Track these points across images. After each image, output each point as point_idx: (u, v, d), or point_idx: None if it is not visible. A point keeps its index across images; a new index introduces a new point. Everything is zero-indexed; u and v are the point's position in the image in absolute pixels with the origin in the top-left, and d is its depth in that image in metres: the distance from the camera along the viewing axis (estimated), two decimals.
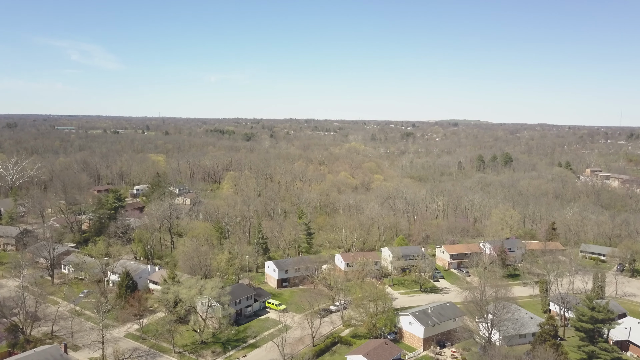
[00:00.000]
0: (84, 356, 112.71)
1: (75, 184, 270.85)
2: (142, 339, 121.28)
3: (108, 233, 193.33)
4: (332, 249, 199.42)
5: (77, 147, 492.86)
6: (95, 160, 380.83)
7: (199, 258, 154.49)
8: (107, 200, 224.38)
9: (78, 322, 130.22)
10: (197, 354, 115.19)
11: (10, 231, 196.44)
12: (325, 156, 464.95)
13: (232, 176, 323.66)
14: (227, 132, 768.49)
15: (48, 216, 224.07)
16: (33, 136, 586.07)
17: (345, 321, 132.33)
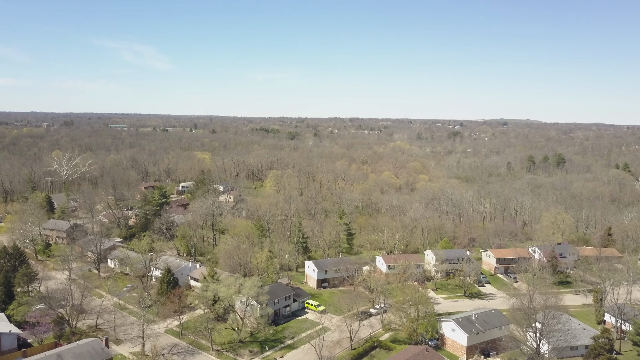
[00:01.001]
0: (125, 350, 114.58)
1: (124, 180, 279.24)
2: (181, 336, 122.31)
3: (153, 229, 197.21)
4: (373, 250, 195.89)
5: (127, 145, 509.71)
6: (144, 157, 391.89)
7: (239, 256, 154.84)
8: (153, 196, 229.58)
9: (121, 316, 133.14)
10: (234, 352, 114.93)
11: (61, 225, 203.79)
12: (369, 155, 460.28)
13: (274, 174, 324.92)
14: (271, 131, 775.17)
15: (97, 211, 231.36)
16: (87, 134, 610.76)
17: (385, 325, 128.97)
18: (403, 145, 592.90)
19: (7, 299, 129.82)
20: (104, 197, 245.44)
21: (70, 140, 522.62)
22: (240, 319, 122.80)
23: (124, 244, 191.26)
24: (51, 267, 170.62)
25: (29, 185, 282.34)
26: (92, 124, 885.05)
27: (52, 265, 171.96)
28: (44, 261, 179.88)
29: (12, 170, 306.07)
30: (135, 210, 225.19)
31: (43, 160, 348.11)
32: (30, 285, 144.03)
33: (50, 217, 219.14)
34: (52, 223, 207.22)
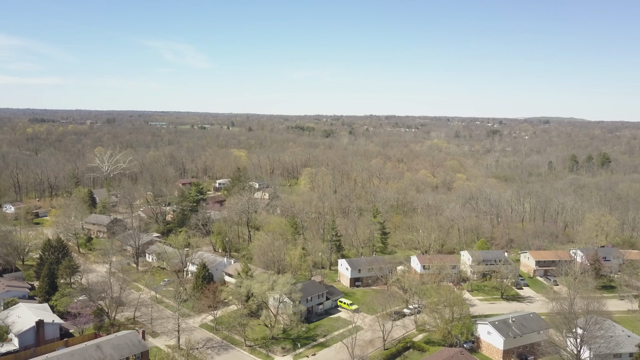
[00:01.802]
0: (161, 343, 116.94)
1: (162, 177, 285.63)
2: (215, 330, 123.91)
3: (189, 224, 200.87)
4: (408, 250, 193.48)
5: (166, 142, 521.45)
6: (182, 154, 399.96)
7: (273, 253, 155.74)
8: (190, 193, 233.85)
9: (157, 309, 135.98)
10: (267, 349, 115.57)
11: (102, 219, 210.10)
12: (405, 153, 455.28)
13: (309, 172, 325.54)
14: (307, 129, 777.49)
15: (137, 206, 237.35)
16: (128, 131, 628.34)
17: (418, 326, 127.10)
18: (440, 144, 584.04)
19: (51, 290, 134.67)
20: (143, 192, 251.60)
21: (112, 137, 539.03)
22: (273, 316, 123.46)
23: (161, 239, 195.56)
24: (92, 260, 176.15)
25: (72, 180, 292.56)
26: (133, 121, 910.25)
27: (93, 259, 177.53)
28: (85, 254, 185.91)
29: (57, 166, 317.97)
30: (173, 206, 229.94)
31: (86, 156, 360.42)
32: (73, 277, 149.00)
33: (92, 212, 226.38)
34: (93, 217, 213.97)
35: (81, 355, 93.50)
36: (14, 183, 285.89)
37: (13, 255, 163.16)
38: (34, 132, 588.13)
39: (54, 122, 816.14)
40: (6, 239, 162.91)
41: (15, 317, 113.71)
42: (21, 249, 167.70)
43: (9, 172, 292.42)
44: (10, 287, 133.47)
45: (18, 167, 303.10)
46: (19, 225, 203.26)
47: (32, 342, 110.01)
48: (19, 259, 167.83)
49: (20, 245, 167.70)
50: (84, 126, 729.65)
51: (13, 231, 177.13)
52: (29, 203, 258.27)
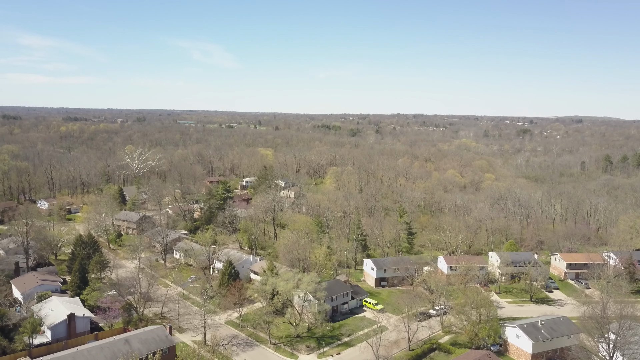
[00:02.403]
0: (187, 338, 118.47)
1: (190, 175, 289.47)
2: (241, 327, 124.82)
3: (216, 222, 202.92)
4: (435, 250, 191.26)
5: (194, 140, 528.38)
6: (210, 152, 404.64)
7: (298, 251, 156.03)
8: (217, 191, 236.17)
9: (184, 305, 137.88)
10: (292, 347, 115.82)
11: (132, 216, 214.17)
12: (433, 153, 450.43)
13: (335, 171, 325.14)
14: (333, 128, 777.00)
15: (165, 204, 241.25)
16: (158, 129, 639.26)
17: (444, 327, 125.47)
18: (469, 143, 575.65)
19: (82, 285, 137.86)
20: (171, 190, 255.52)
21: (142, 135, 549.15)
22: (298, 314, 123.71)
23: (188, 236, 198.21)
24: (122, 256, 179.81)
25: (103, 177, 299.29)
26: (162, 120, 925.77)
27: (122, 254, 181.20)
28: (115, 250, 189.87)
29: (89, 164, 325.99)
30: (200, 204, 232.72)
31: (117, 154, 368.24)
32: (103, 273, 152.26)
33: (122, 209, 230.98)
34: (123, 214, 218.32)
35: (110, 348, 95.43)
36: (48, 180, 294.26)
37: (46, 250, 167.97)
38: (68, 131, 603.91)
39: (87, 120, 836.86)
40: (40, 234, 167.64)
41: (48, 310, 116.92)
42: (54, 244, 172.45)
43: (44, 169, 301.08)
44: (44, 281, 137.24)
45: (52, 164, 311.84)
46: (53, 221, 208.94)
47: (64, 334, 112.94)
48: (52, 253, 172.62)
49: (54, 240, 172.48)
50: (115, 125, 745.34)
51: (47, 227, 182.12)
52: (62, 199, 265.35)
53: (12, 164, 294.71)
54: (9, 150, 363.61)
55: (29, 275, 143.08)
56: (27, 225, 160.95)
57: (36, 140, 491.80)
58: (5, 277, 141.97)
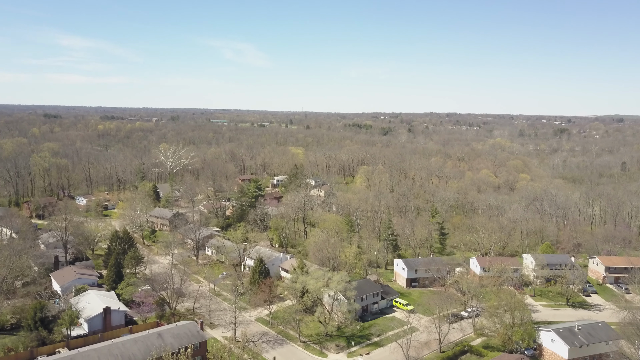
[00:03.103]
0: (218, 334, 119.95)
1: (222, 173, 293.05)
2: (271, 325, 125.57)
3: (248, 220, 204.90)
4: (467, 251, 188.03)
5: (227, 139, 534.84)
6: (242, 151, 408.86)
7: (328, 250, 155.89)
8: (249, 189, 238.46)
9: (216, 301, 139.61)
10: (321, 345, 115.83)
11: (165, 213, 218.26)
12: (466, 152, 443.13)
13: (365, 170, 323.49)
14: (364, 127, 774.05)
15: (198, 201, 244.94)
16: (191, 128, 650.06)
17: (476, 330, 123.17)
18: (503, 143, 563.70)
19: (117, 279, 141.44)
20: (204, 188, 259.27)
21: (176, 134, 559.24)
22: (327, 313, 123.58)
23: (220, 233, 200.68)
24: (155, 252, 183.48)
25: (138, 175, 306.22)
26: (196, 118, 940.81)
27: (156, 250, 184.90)
28: (149, 246, 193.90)
29: (124, 161, 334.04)
30: (232, 202, 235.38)
31: (151, 152, 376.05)
32: (137, 268, 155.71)
33: (156, 205, 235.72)
34: (157, 211, 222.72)
35: (144, 342, 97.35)
36: (86, 177, 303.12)
37: (84, 245, 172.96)
38: (105, 129, 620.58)
39: (123, 119, 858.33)
40: (78, 230, 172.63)
41: (85, 303, 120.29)
42: (91, 239, 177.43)
43: (82, 167, 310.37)
44: (81, 274, 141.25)
45: (90, 162, 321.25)
46: (90, 216, 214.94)
47: (100, 327, 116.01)
48: (89, 248, 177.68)
49: (91, 235, 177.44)
50: (150, 123, 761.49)
51: (84, 222, 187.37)
52: (99, 196, 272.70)
53: (52, 161, 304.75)
54: (50, 147, 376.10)
55: (68, 269, 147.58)
56: (66, 220, 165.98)
57: (75, 138, 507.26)
58: (45, 270, 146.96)
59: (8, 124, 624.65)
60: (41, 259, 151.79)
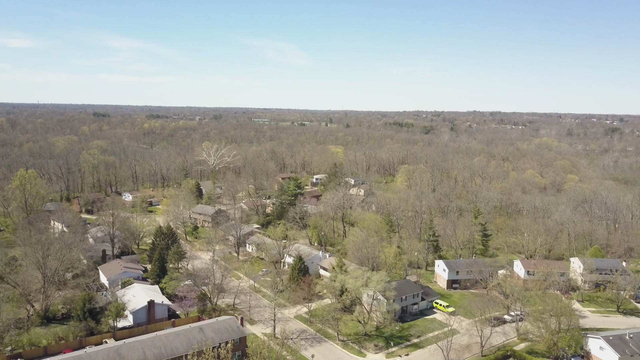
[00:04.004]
0: (258, 330, 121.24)
1: (263, 171, 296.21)
2: (309, 322, 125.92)
3: (287, 217, 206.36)
4: (511, 254, 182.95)
5: (268, 138, 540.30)
6: (282, 150, 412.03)
7: (368, 249, 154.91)
8: (289, 187, 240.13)
9: (255, 298, 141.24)
10: (359, 345, 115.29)
11: (207, 210, 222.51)
12: (511, 152, 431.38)
13: (406, 169, 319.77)
14: (405, 125, 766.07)
15: (239, 199, 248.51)
16: (233, 127, 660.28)
17: (520, 334, 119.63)
18: (550, 142, 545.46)
19: (161, 274, 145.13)
20: (245, 185, 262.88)
21: (218, 132, 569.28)
22: (366, 312, 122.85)
23: (261, 230, 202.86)
24: (197, 248, 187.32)
25: (182, 172, 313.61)
26: (238, 117, 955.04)
27: (198, 246, 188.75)
28: (191, 242, 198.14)
29: (169, 159, 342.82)
30: (272, 199, 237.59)
31: (194, 150, 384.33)
32: (180, 263, 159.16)
33: (198, 202, 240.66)
34: (200, 208, 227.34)
35: (186, 335, 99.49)
36: (132, 174, 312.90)
37: (130, 239, 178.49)
38: (150, 128, 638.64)
39: (167, 118, 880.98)
40: (124, 225, 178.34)
41: (130, 296, 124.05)
42: (137, 234, 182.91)
43: (129, 164, 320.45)
44: (127, 268, 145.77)
45: (136, 159, 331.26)
46: (135, 212, 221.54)
47: (144, 319, 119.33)
48: (134, 243, 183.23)
49: (136, 230, 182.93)
50: (193, 122, 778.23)
51: (130, 218, 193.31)
52: (144, 192, 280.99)
53: (100, 159, 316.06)
54: (99, 145, 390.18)
55: (114, 262, 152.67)
56: (113, 215, 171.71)
57: (122, 136, 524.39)
58: (93, 263, 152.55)
59: (60, 123, 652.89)
60: (90, 252, 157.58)
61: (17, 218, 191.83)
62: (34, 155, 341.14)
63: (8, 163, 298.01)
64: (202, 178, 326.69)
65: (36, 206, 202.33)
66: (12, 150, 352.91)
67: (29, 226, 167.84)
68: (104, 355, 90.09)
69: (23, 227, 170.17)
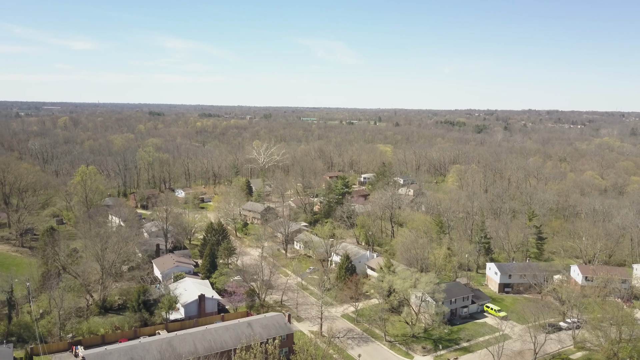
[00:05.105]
0: (304, 328, 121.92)
1: (311, 170, 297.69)
2: (356, 322, 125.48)
3: (335, 216, 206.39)
4: (568, 258, 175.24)
5: (316, 136, 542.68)
6: (330, 148, 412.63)
7: (417, 250, 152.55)
8: (336, 186, 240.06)
9: (303, 295, 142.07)
10: (407, 346, 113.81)
11: (257, 207, 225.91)
12: (568, 152, 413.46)
13: (458, 169, 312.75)
14: (457, 124, 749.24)
15: (287, 196, 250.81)
16: (282, 125, 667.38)
17: (577, 342, 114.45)
18: (612, 142, 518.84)
19: (211, 269, 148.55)
20: (293, 183, 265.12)
21: (268, 131, 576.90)
22: (414, 314, 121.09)
23: (308, 228, 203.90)
24: (247, 244, 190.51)
25: (233, 170, 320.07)
26: (287, 116, 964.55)
27: (247, 243, 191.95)
28: (241, 238, 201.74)
29: (220, 157, 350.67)
30: (320, 198, 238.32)
31: (245, 148, 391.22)
32: (230, 259, 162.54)
33: (248, 199, 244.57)
34: (249, 205, 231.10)
35: (235, 330, 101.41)
36: (185, 171, 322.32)
37: (182, 235, 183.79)
38: (202, 126, 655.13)
39: (219, 117, 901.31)
40: (177, 220, 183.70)
41: (182, 290, 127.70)
42: (189, 230, 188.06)
43: (182, 161, 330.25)
44: (179, 262, 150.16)
45: (189, 157, 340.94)
46: (188, 208, 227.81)
47: (195, 313, 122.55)
48: (186, 238, 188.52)
49: (188, 226, 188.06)
50: (244, 121, 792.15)
51: (183, 213, 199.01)
52: (196, 189, 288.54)
53: (155, 156, 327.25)
54: (154, 143, 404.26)
55: (167, 256, 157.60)
56: (167, 211, 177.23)
57: (176, 134, 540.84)
58: (148, 257, 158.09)
59: (118, 121, 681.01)
60: (144, 246, 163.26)
61: (79, 212, 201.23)
62: (94, 152, 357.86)
63: (71, 159, 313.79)
64: (252, 176, 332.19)
65: (96, 201, 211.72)
66: (75, 148, 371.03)
67: (89, 220, 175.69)
68: (157, 346, 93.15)
69: (83, 221, 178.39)
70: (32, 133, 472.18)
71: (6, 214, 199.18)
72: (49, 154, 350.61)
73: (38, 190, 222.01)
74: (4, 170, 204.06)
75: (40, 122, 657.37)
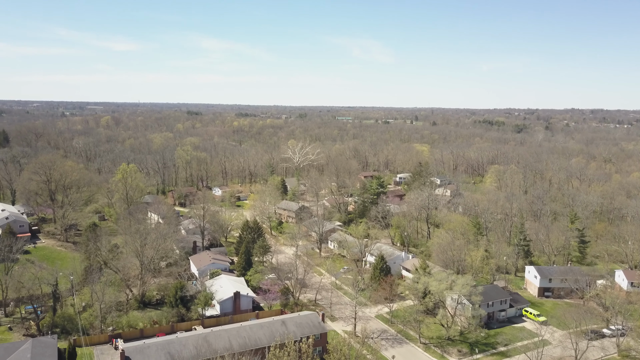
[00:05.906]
0: (338, 327, 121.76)
1: (346, 169, 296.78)
2: (390, 323, 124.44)
3: (369, 216, 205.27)
4: (612, 263, 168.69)
5: (351, 136, 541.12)
6: (365, 148, 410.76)
7: (453, 252, 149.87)
8: (371, 185, 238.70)
9: (336, 295, 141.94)
10: (442, 349, 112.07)
11: (292, 206, 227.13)
12: (614, 152, 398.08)
13: (496, 170, 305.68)
14: (496, 123, 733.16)
15: (322, 196, 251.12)
16: (317, 125, 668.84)
17: (621, 350, 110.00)
18: None
19: (247, 266, 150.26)
20: (328, 183, 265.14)
21: (303, 130, 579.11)
22: (450, 316, 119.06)
23: (342, 228, 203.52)
24: (281, 243, 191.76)
25: (268, 169, 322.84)
26: (322, 116, 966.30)
27: (282, 241, 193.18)
28: (276, 236, 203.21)
29: (256, 156, 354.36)
30: (355, 198, 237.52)
31: (280, 148, 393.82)
32: (265, 257, 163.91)
33: (283, 198, 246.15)
34: (284, 203, 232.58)
35: (269, 328, 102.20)
36: (222, 169, 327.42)
37: (218, 232, 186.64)
38: (239, 126, 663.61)
39: (255, 116, 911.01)
40: (214, 218, 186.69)
41: (218, 287, 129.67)
42: (225, 227, 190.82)
43: (219, 160, 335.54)
44: (216, 259, 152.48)
45: (225, 155, 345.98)
46: (224, 206, 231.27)
47: (230, 310, 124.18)
48: (222, 235, 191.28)
49: (225, 224, 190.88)
50: (280, 120, 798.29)
51: (219, 211, 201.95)
52: (233, 187, 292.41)
53: (193, 155, 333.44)
54: (192, 142, 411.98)
55: (204, 253, 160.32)
56: (204, 209, 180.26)
57: (213, 133, 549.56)
58: (185, 253, 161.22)
59: (158, 121, 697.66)
60: (182, 243, 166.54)
61: (119, 209, 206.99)
62: (135, 150, 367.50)
63: (112, 158, 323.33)
64: (287, 175, 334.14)
65: (135, 198, 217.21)
66: (116, 146, 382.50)
67: (129, 216, 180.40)
68: (193, 341, 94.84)
69: (124, 217, 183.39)
70: (77, 132, 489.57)
71: (52, 210, 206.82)
72: (92, 152, 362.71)
73: (82, 187, 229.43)
74: (50, 167, 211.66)
75: (84, 121, 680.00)
